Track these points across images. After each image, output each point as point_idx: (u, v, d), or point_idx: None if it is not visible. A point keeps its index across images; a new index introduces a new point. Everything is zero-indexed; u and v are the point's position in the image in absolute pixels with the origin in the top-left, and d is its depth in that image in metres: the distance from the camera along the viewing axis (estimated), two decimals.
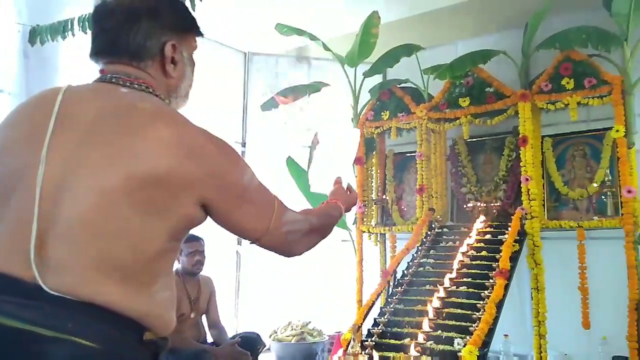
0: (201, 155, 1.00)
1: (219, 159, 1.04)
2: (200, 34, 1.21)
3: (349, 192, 1.51)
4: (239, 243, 4.53)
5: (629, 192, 2.98)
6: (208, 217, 1.07)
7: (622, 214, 3.03)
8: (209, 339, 3.36)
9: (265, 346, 3.57)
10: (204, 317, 3.36)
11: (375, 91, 4.00)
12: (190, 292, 3.22)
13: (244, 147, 4.57)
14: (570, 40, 3.18)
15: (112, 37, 1.09)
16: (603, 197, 3.22)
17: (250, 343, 3.26)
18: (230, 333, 3.50)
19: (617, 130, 3.05)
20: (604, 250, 3.23)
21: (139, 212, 0.94)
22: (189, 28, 1.18)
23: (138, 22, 1.08)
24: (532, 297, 3.16)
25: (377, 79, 4.29)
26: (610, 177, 3.22)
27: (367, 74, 4.06)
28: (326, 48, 4.04)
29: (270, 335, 3.88)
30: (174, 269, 3.19)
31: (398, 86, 3.96)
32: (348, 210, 1.48)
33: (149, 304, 0.97)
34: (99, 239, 0.92)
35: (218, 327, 3.38)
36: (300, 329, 3.83)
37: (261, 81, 4.62)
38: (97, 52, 1.11)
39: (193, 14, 1.19)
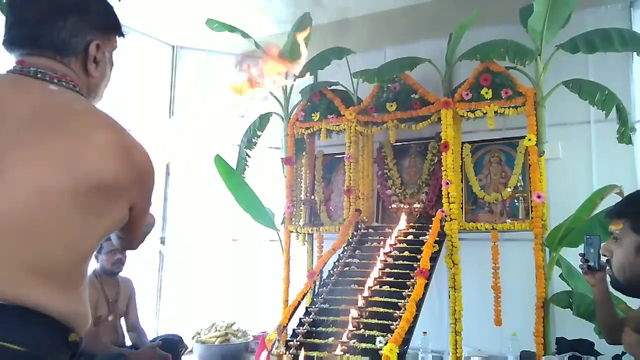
0: (137, 161, 1.02)
1: (148, 167, 1.06)
2: (122, 35, 1.20)
3: None
4: (162, 243, 4.39)
5: (539, 197, 3.19)
6: None
7: (532, 218, 3.24)
8: (128, 342, 3.22)
9: (187, 348, 3.49)
10: (122, 320, 3.23)
11: (306, 92, 4.02)
12: (109, 294, 3.08)
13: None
14: (490, 52, 3.36)
15: (35, 29, 1.04)
16: (515, 201, 3.43)
17: (172, 345, 3.17)
18: (150, 336, 3.38)
19: (530, 139, 3.26)
20: (515, 252, 3.45)
21: (81, 213, 0.93)
22: (114, 28, 1.17)
23: (66, 17, 1.05)
24: (449, 296, 3.31)
25: (308, 80, 4.32)
26: (522, 183, 3.43)
27: (298, 75, 4.07)
28: (258, 47, 4.02)
29: (194, 337, 3.79)
30: (92, 269, 3.05)
31: (328, 88, 4.01)
32: None
33: (76, 305, 0.96)
34: (35, 238, 0.89)
35: (137, 329, 3.26)
36: (225, 330, 3.77)
37: (190, 76, 4.51)
38: (15, 42, 1.05)
39: (118, 4, 1.17)
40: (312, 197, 4.12)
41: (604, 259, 1.72)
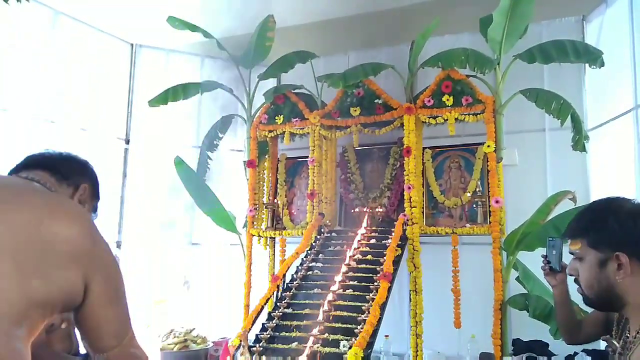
0: (95, 235, 1.07)
1: (107, 251, 1.11)
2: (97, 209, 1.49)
3: None
4: (118, 247, 4.25)
5: (497, 202, 3.28)
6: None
7: (490, 222, 3.32)
8: (82, 351, 3.09)
9: None
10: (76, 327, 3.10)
11: (270, 95, 3.99)
12: None
13: (128, 144, 4.31)
14: (451, 60, 3.43)
15: (47, 162, 1.32)
16: (474, 206, 3.51)
17: None
18: None
19: (489, 146, 3.35)
20: (474, 255, 3.53)
21: (23, 273, 0.96)
22: (97, 196, 1.48)
23: (70, 161, 1.40)
24: (410, 299, 3.35)
25: (271, 82, 4.30)
26: (480, 188, 3.52)
27: (261, 77, 4.05)
28: (220, 47, 3.96)
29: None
30: None
31: (292, 91, 3.99)
32: None
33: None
34: None
35: None
36: (184, 336, 3.68)
37: (149, 75, 4.39)
38: (26, 165, 1.30)
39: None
40: (275, 200, 4.08)
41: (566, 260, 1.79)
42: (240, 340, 2.52)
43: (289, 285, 3.11)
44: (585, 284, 1.39)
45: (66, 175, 1.34)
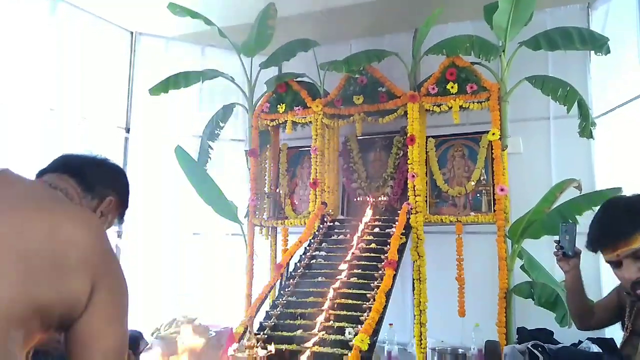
0: (109, 252, 1.04)
1: (120, 271, 1.07)
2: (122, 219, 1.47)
3: None
4: (119, 236, 4.22)
5: (502, 190, 3.26)
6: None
7: (494, 211, 3.30)
8: None
9: (148, 344, 3.35)
10: None
11: (272, 83, 3.95)
12: None
13: (128, 132, 4.26)
14: (456, 47, 3.40)
15: (78, 169, 1.31)
16: (478, 194, 3.48)
17: (132, 342, 3.03)
18: None
19: (494, 134, 3.32)
20: (479, 244, 3.50)
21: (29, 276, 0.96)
22: (126, 205, 1.45)
23: (101, 169, 1.40)
24: (414, 288, 3.33)
25: (272, 71, 4.26)
26: (485, 177, 3.49)
27: (263, 66, 4.01)
28: (222, 34, 3.91)
29: (153, 333, 3.65)
30: None
31: (294, 80, 3.95)
32: None
33: None
34: None
35: None
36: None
37: (150, 64, 4.34)
38: (56, 168, 1.30)
39: None
40: (277, 190, 4.06)
41: (579, 246, 1.75)
42: (246, 327, 2.50)
43: (293, 273, 3.09)
44: None
45: (92, 186, 1.33)
